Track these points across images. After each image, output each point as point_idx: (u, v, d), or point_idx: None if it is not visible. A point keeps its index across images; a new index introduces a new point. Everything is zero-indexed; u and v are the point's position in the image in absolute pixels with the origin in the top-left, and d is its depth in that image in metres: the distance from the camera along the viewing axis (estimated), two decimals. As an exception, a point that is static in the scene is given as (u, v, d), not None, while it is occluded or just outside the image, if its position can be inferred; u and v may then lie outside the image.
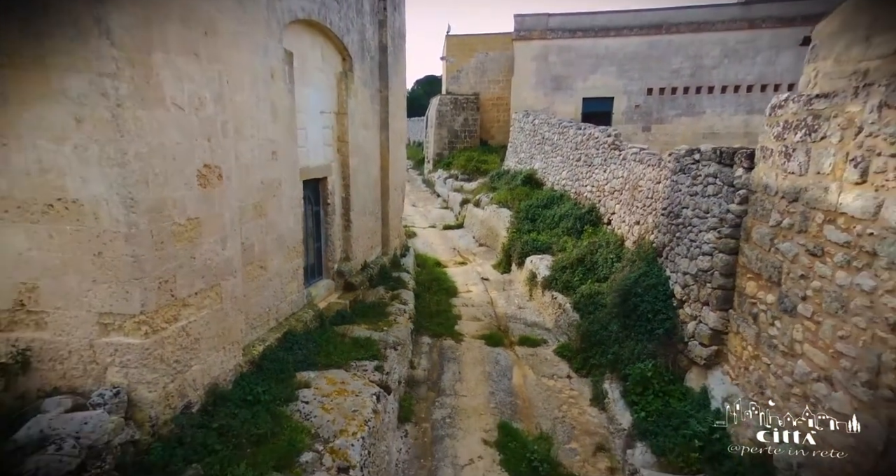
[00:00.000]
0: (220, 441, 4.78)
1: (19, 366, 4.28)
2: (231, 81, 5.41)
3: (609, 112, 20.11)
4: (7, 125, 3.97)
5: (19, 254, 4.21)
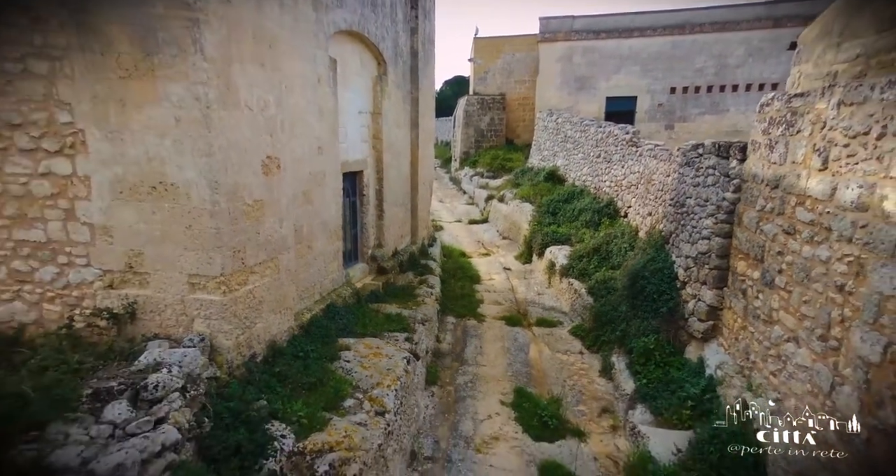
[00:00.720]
0: (280, 384, 5.79)
1: (128, 316, 5.37)
2: (287, 86, 6.41)
3: (632, 111, 20.55)
4: (124, 125, 5.05)
5: (130, 226, 5.30)
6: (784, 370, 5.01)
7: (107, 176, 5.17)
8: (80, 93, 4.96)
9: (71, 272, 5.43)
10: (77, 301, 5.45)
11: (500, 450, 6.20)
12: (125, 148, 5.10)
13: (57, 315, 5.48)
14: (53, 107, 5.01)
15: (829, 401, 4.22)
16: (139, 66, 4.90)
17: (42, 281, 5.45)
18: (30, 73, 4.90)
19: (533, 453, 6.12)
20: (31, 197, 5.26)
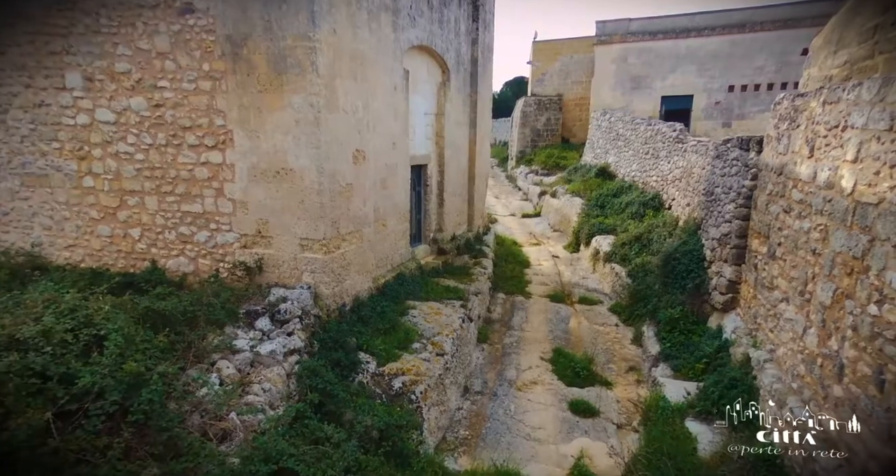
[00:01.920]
0: (363, 327, 7.44)
1: (257, 268, 7.22)
2: (372, 94, 8.06)
3: (688, 109, 20.81)
4: (260, 126, 6.88)
5: (260, 201, 7.14)
6: (777, 325, 5.97)
7: (246, 164, 7.03)
8: (231, 103, 6.85)
9: (218, 235, 7.37)
10: (222, 257, 7.38)
11: (538, 390, 7.51)
12: (259, 143, 6.94)
13: (208, 267, 7.44)
14: (213, 114, 6.93)
15: (801, 342, 5.21)
16: (272, 82, 6.71)
17: (199, 242, 7.44)
18: (200, 91, 6.85)
19: (565, 394, 7.38)
20: (194, 180, 7.24)
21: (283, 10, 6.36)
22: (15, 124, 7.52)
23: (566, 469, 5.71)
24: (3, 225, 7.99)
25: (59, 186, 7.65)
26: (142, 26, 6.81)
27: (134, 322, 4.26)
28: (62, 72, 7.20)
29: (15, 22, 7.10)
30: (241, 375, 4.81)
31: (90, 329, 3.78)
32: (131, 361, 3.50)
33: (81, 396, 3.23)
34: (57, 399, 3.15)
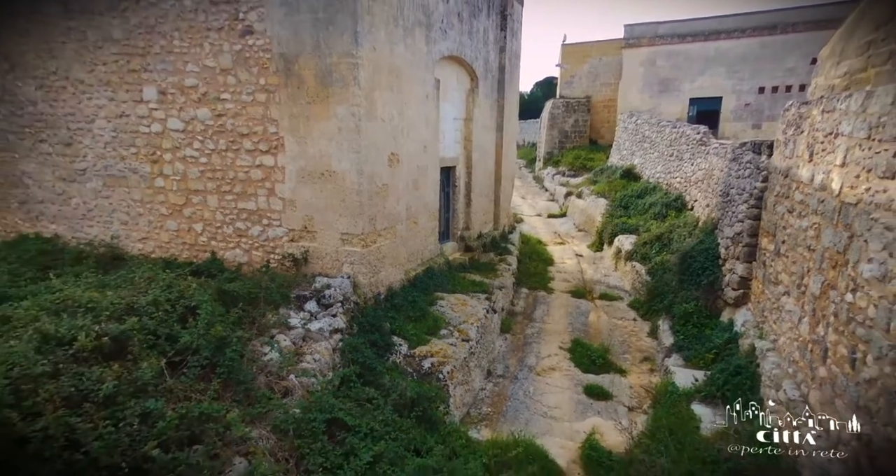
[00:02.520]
0: (396, 314, 8.22)
1: (303, 259, 8.10)
2: (405, 103, 8.84)
3: (717, 111, 20.85)
4: (308, 133, 7.76)
5: (306, 200, 8.03)
6: (780, 317, 6.42)
7: (295, 167, 7.93)
8: (283, 113, 7.75)
9: (269, 230, 8.30)
10: (272, 249, 8.31)
11: (555, 376, 8.13)
12: (307, 148, 7.82)
13: (260, 258, 8.39)
14: (267, 122, 7.86)
15: (797, 330, 5.68)
16: (319, 94, 7.57)
17: (252, 235, 8.39)
18: (256, 102, 7.79)
19: (581, 380, 7.97)
20: (249, 180, 8.20)
21: (329, 32, 7.21)
22: (100, 132, 8.67)
23: (578, 442, 6.32)
24: (88, 220, 9.17)
25: (135, 186, 8.76)
26: (209, 46, 7.80)
27: (213, 299, 5.16)
28: (140, 87, 8.29)
29: (103, 45, 8.23)
30: (295, 347, 5.65)
31: (184, 301, 4.69)
32: (217, 327, 4.37)
33: (183, 351, 4.11)
34: (166, 352, 4.03)
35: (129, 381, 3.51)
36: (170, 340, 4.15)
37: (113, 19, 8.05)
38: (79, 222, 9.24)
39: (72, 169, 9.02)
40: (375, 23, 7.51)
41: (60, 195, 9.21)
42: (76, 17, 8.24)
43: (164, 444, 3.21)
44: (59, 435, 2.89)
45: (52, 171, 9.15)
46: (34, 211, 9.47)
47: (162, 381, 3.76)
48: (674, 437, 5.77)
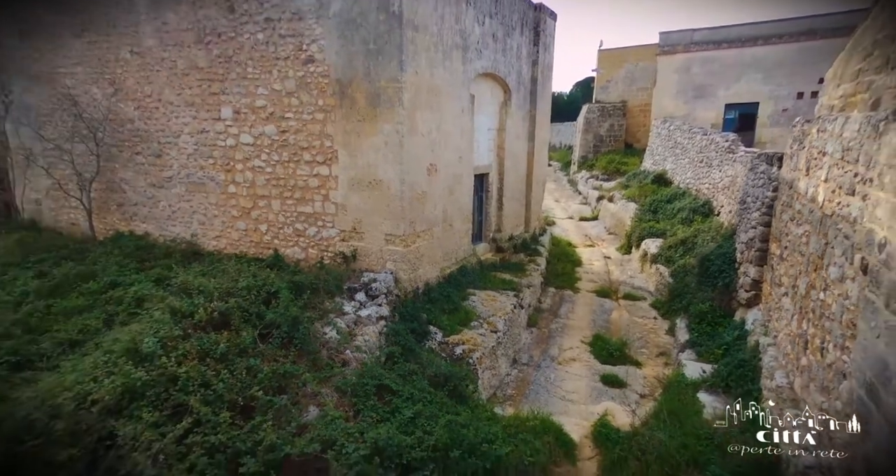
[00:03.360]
0: (432, 307, 9.27)
1: (352, 257, 9.29)
2: (443, 117, 9.88)
3: (754, 116, 20.86)
4: (358, 147, 8.93)
5: (355, 205, 9.20)
6: (780, 315, 7.06)
7: (346, 176, 9.12)
8: (338, 129, 8.96)
9: (324, 231, 9.54)
10: (326, 247, 9.54)
11: (575, 365, 8.97)
12: (357, 160, 9.00)
13: (315, 255, 9.63)
14: (324, 138, 9.09)
15: (790, 326, 6.35)
16: (368, 114, 8.73)
17: (309, 235, 9.65)
18: (315, 120, 9.04)
19: (598, 370, 8.78)
20: (307, 188, 9.46)
21: (379, 60, 8.36)
22: (184, 146, 10.18)
23: (591, 421, 7.16)
24: (172, 220, 10.73)
25: (212, 192, 10.22)
26: (276, 73, 9.12)
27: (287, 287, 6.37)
28: (219, 107, 9.72)
29: (189, 72, 9.71)
30: (348, 329, 6.80)
31: (266, 287, 5.92)
32: (292, 308, 5.54)
33: (269, 326, 5.31)
34: (257, 326, 5.23)
35: (235, 344, 4.72)
36: (259, 317, 5.35)
37: (199, 51, 9.51)
38: (165, 222, 10.82)
39: (160, 177, 10.59)
40: (418, 50, 8.60)
41: (150, 199, 10.82)
42: (169, 49, 9.76)
43: (263, 390, 4.38)
44: (197, 376, 4.08)
45: (144, 178, 10.76)
46: (129, 212, 11.13)
47: (256, 346, 4.95)
48: (675, 418, 6.56)
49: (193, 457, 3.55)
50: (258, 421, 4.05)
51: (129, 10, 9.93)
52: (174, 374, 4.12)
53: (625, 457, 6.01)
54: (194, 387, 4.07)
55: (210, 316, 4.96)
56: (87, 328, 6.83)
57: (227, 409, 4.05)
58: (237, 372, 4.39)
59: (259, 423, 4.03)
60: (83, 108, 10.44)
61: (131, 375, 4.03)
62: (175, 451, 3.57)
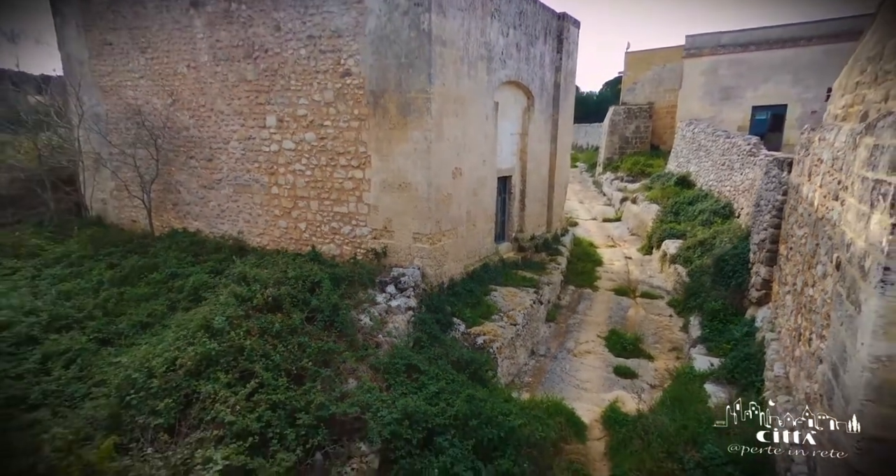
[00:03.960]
0: (456, 300, 9.99)
1: (383, 253, 10.10)
2: (468, 124, 10.59)
3: (782, 117, 20.75)
4: (389, 152, 9.73)
5: (386, 205, 10.01)
6: (784, 312, 7.49)
7: (378, 179, 9.94)
8: (371, 136, 9.78)
9: (357, 229, 10.38)
10: (359, 244, 10.39)
11: (590, 357, 9.54)
12: (388, 164, 9.80)
13: (349, 251, 10.49)
14: (358, 144, 9.93)
15: (789, 321, 6.80)
16: (399, 122, 9.52)
17: (344, 233, 10.52)
18: (350, 128, 9.89)
19: (612, 361, 9.33)
20: (343, 189, 10.32)
21: (409, 73, 9.13)
22: (233, 151, 11.22)
23: (602, 407, 7.75)
24: (221, 219, 11.81)
25: (256, 193, 11.22)
26: (316, 85, 10.02)
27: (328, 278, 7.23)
28: (264, 116, 10.70)
29: (238, 84, 10.74)
30: (380, 317, 7.60)
31: (311, 277, 6.78)
32: (333, 296, 6.37)
33: (313, 310, 6.15)
34: (303, 310, 6.08)
35: (287, 324, 5.56)
36: (305, 303, 6.20)
37: (248, 65, 10.52)
38: (214, 220, 11.91)
39: (211, 179, 11.68)
40: (445, 63, 9.35)
41: (202, 199, 11.92)
42: (221, 64, 10.81)
43: (311, 362, 5.20)
44: (259, 349, 4.94)
45: (196, 180, 11.88)
46: (183, 211, 12.29)
47: (304, 327, 5.79)
48: (679, 404, 7.10)
49: (260, 410, 4.39)
50: (308, 386, 4.88)
51: (188, 30, 11.03)
52: (241, 345, 4.98)
53: (630, 437, 6.60)
54: (257, 357, 4.92)
55: (265, 300, 5.83)
56: (154, 313, 7.87)
57: (283, 375, 4.89)
58: (290, 347, 5.22)
59: (309, 388, 4.85)
60: (145, 117, 11.63)
61: (207, 346, 4.93)
62: (245, 405, 4.42)
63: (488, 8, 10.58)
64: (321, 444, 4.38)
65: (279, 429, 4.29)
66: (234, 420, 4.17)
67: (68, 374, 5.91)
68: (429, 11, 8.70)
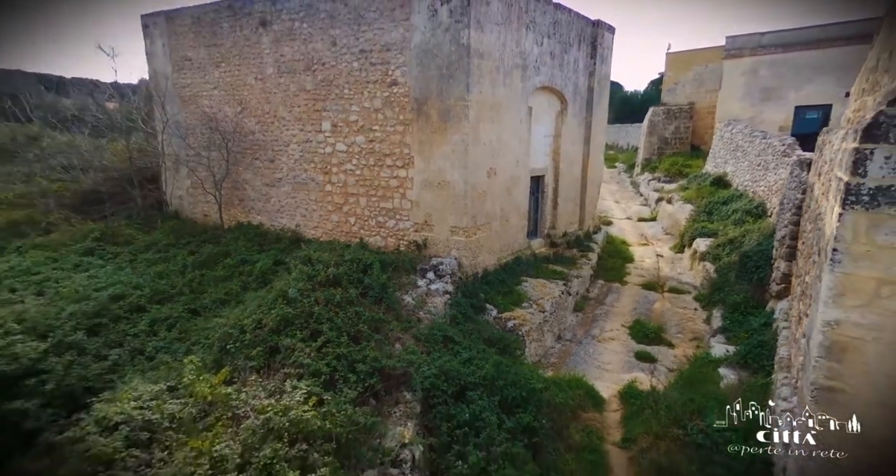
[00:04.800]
0: (489, 288, 10.94)
1: (423, 245, 11.18)
2: (502, 128, 11.52)
3: (827, 117, 20.44)
4: (430, 154, 10.80)
5: (427, 201, 11.07)
6: (794, 303, 8.03)
7: (420, 178, 11.04)
8: (414, 139, 10.89)
9: (400, 223, 11.53)
10: (402, 237, 11.52)
11: (613, 344, 10.27)
12: (429, 165, 10.88)
13: (393, 243, 11.65)
14: (403, 146, 11.07)
15: (797, 309, 7.37)
16: (439, 127, 10.58)
17: (388, 227, 11.69)
18: (396, 132, 11.03)
19: (633, 347, 10.03)
20: (388, 187, 11.49)
21: (449, 83, 10.18)
22: (292, 153, 12.64)
23: (620, 386, 8.52)
24: (280, 213, 13.27)
25: (312, 190, 12.59)
26: (367, 93, 11.24)
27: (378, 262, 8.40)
28: (320, 122, 12.04)
29: (299, 93, 12.14)
30: (421, 298, 8.67)
31: (363, 261, 7.95)
32: (382, 277, 7.50)
33: (366, 287, 7.31)
34: (357, 287, 7.25)
35: (345, 297, 6.73)
36: (359, 281, 7.36)
37: (307, 77, 11.89)
38: (275, 214, 13.39)
39: (273, 178, 13.16)
40: (482, 74, 10.33)
41: (264, 195, 13.44)
42: (284, 76, 12.25)
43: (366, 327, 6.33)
44: (325, 314, 6.11)
45: (260, 179, 13.40)
46: (248, 206, 13.86)
47: (359, 300, 6.94)
48: (691, 384, 7.79)
49: (328, 358, 5.53)
50: (364, 345, 5.99)
51: (256, 46, 12.54)
52: (311, 311, 6.17)
53: (642, 407, 7.38)
54: (323, 320, 6.08)
55: (327, 277, 7.01)
56: (230, 291, 9.29)
57: (344, 336, 6.03)
58: (349, 314, 6.36)
59: (364, 347, 5.95)
60: (218, 123, 13.24)
61: (285, 310, 6.15)
62: (317, 355, 5.57)
63: (523, 20, 11.49)
64: (375, 388, 5.48)
65: (343, 373, 5.42)
66: (310, 363, 5.33)
67: (171, 335, 7.33)
68: (468, 27, 9.71)
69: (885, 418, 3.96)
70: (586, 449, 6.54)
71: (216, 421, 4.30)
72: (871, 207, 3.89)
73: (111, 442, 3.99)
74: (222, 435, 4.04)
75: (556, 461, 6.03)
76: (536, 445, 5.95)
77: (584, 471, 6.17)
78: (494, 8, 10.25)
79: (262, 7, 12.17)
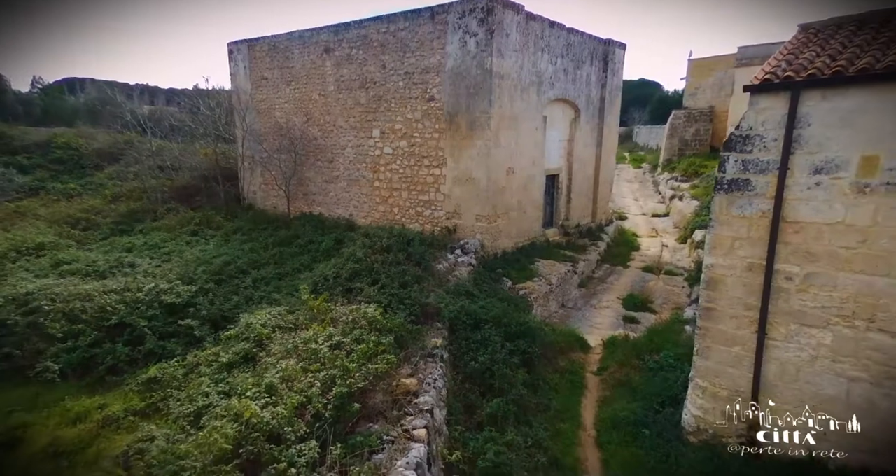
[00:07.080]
0: (506, 265, 13.42)
1: (453, 230, 13.76)
2: (519, 135, 13.96)
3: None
4: (459, 156, 13.37)
5: (456, 194, 13.66)
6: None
7: (451, 175, 13.63)
8: (447, 144, 13.50)
9: (435, 212, 14.15)
10: (436, 224, 14.14)
11: (607, 310, 12.56)
12: (458, 164, 13.46)
13: (429, 229, 14.26)
14: (437, 150, 13.70)
15: (737, 275, 9.53)
16: (467, 134, 13.15)
17: (425, 215, 14.35)
18: (432, 138, 13.68)
19: (622, 313, 12.28)
20: (425, 183, 14.15)
21: (475, 99, 12.73)
22: (348, 155, 15.52)
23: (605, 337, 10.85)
24: (337, 205, 16.18)
25: (363, 186, 15.41)
26: (409, 107, 13.94)
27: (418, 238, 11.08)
28: (370, 129, 14.84)
29: (354, 106, 14.99)
30: (450, 267, 11.27)
31: (406, 236, 10.67)
32: (420, 248, 10.16)
33: (409, 254, 10.00)
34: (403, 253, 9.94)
35: (395, 259, 9.43)
36: (404, 250, 10.07)
37: (361, 93, 14.72)
38: (332, 206, 16.31)
39: (331, 175, 16.08)
40: (503, 91, 12.84)
41: (324, 190, 16.38)
42: (343, 92, 15.13)
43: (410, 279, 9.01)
44: (381, 268, 8.83)
45: (321, 176, 16.35)
46: (310, 199, 16.85)
47: (405, 263, 9.63)
48: (658, 334, 10.07)
49: (385, 295, 8.23)
50: (409, 290, 8.64)
51: (320, 68, 15.48)
52: (371, 267, 8.92)
53: (616, 348, 9.72)
54: (381, 272, 8.79)
55: (382, 246, 9.73)
56: (303, 263, 12.17)
57: (395, 283, 8.71)
58: (399, 270, 9.05)
59: (410, 291, 8.61)
60: (287, 131, 16.27)
61: (354, 265, 8.90)
62: (377, 293, 8.27)
63: (539, 45, 13.92)
64: (417, 315, 8.13)
65: (396, 304, 8.08)
66: (374, 295, 8.03)
67: (269, 288, 10.22)
68: (491, 56, 12.25)
69: (736, 324, 6.29)
70: (568, 372, 8.97)
71: (323, 320, 7.04)
72: (728, 191, 6.20)
73: (265, 330, 6.80)
74: (329, 326, 6.76)
75: (544, 375, 8.50)
76: (528, 362, 8.43)
77: (564, 384, 8.61)
78: (513, 39, 12.75)
79: (327, 37, 15.09)
